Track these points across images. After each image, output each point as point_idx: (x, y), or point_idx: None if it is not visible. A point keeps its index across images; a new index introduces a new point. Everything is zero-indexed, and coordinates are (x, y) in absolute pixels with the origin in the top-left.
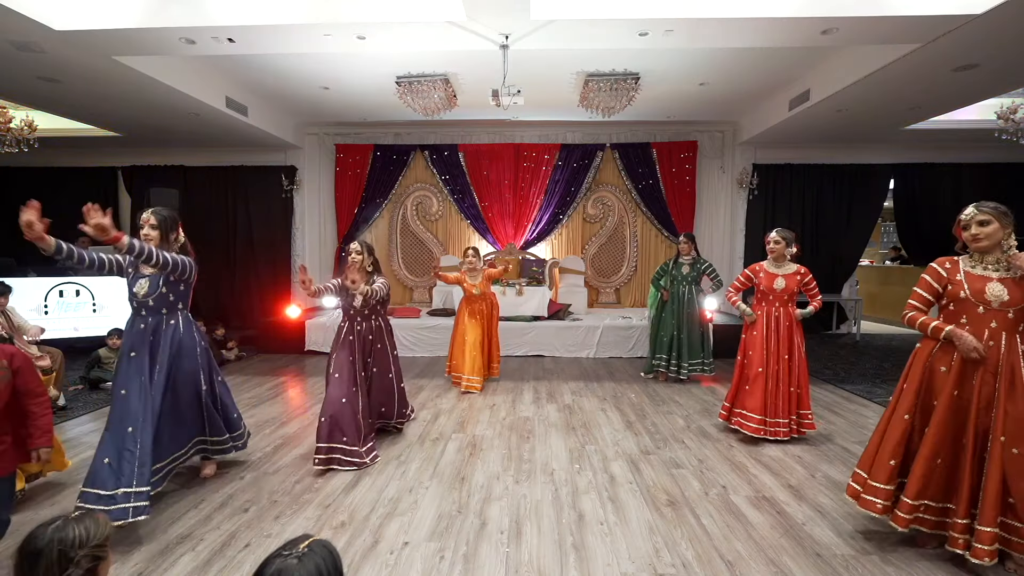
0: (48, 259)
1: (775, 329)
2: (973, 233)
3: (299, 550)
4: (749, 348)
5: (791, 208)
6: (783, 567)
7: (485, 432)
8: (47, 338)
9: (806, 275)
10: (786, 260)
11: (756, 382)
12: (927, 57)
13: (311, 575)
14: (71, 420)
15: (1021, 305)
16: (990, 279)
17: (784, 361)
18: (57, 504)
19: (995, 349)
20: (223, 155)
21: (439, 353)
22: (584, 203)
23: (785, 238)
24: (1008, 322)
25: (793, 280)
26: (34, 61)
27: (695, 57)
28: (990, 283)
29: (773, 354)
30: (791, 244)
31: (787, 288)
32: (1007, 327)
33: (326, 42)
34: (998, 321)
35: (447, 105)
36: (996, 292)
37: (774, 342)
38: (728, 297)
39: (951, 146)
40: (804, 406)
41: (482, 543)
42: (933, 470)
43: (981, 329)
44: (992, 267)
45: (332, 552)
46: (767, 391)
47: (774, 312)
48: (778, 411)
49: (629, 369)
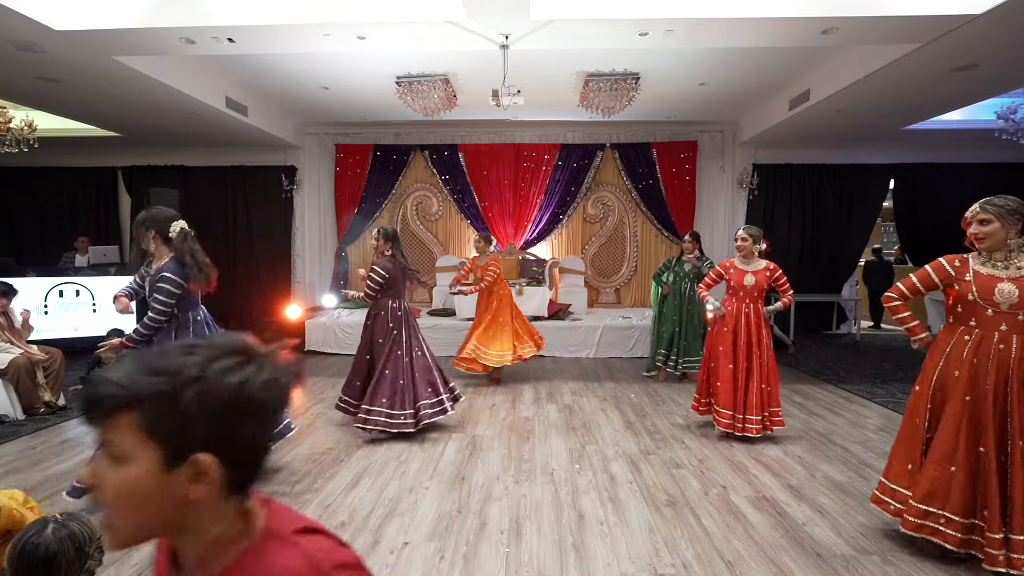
0: (47, 259)
1: (745, 325)
2: (974, 231)
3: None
4: (719, 344)
5: (791, 208)
6: (783, 567)
7: (485, 432)
8: (47, 338)
9: (775, 271)
10: (755, 257)
11: (726, 378)
12: (927, 57)
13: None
14: (71, 420)
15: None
16: (1000, 279)
17: (756, 357)
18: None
19: (1006, 352)
20: (223, 155)
21: (439, 353)
22: (584, 203)
23: (752, 235)
24: (1019, 324)
25: (763, 276)
26: (34, 61)
27: (695, 57)
28: (1000, 283)
29: (743, 350)
30: (759, 241)
31: (757, 284)
32: (1019, 330)
33: (326, 42)
34: (1008, 324)
35: (447, 105)
36: (1006, 293)
37: (744, 338)
38: (699, 292)
39: (951, 146)
40: (774, 403)
41: (482, 543)
42: (948, 478)
43: (991, 332)
44: (1001, 265)
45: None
46: (737, 387)
47: (744, 308)
48: (750, 407)
49: (629, 369)
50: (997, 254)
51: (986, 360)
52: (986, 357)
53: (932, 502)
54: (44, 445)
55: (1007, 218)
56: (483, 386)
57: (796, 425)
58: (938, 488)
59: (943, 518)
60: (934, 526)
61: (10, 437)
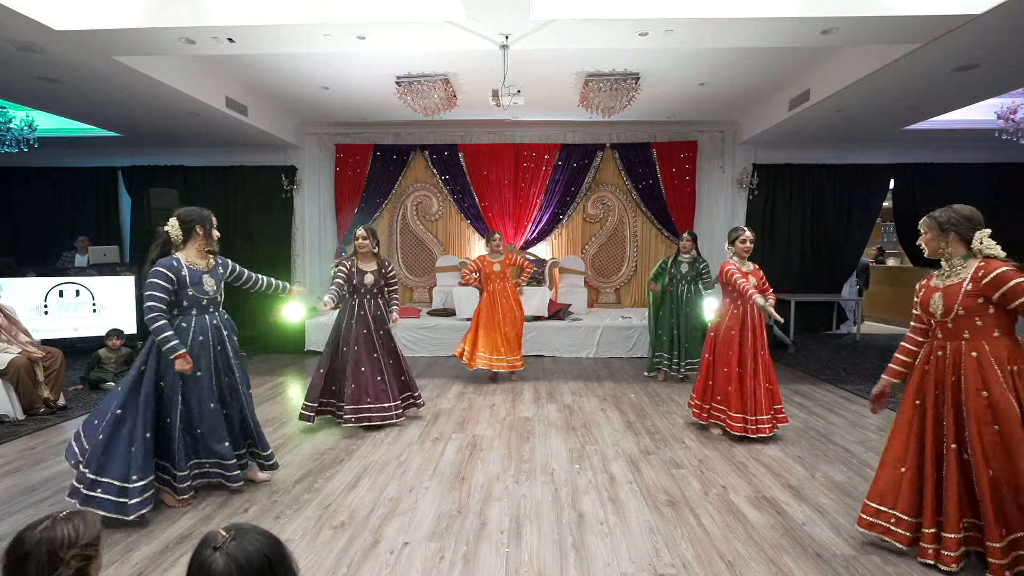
0: (47, 259)
1: (751, 327)
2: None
3: (220, 540)
4: (728, 348)
5: (791, 208)
6: (783, 567)
7: (485, 432)
8: (47, 338)
9: (759, 271)
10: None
11: (736, 382)
12: (927, 57)
13: (233, 568)
14: (71, 420)
15: (953, 314)
16: (938, 289)
17: (760, 358)
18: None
19: (943, 359)
20: (223, 155)
21: (439, 353)
22: (584, 203)
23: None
24: (950, 332)
25: (758, 276)
26: (34, 61)
27: (695, 57)
28: (935, 293)
29: (749, 350)
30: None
31: (756, 285)
32: (951, 337)
33: (326, 42)
34: (943, 332)
35: (447, 105)
36: (936, 303)
37: (750, 340)
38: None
39: (951, 146)
40: (777, 400)
41: (482, 543)
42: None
43: (933, 341)
44: (945, 276)
45: (264, 536)
46: (745, 390)
47: (748, 309)
48: (759, 408)
49: (629, 369)
50: (945, 265)
51: (926, 365)
52: (926, 363)
53: (884, 501)
54: (44, 445)
55: (934, 230)
56: (484, 386)
57: (796, 425)
58: (889, 488)
59: (893, 517)
60: (885, 525)
61: (10, 437)
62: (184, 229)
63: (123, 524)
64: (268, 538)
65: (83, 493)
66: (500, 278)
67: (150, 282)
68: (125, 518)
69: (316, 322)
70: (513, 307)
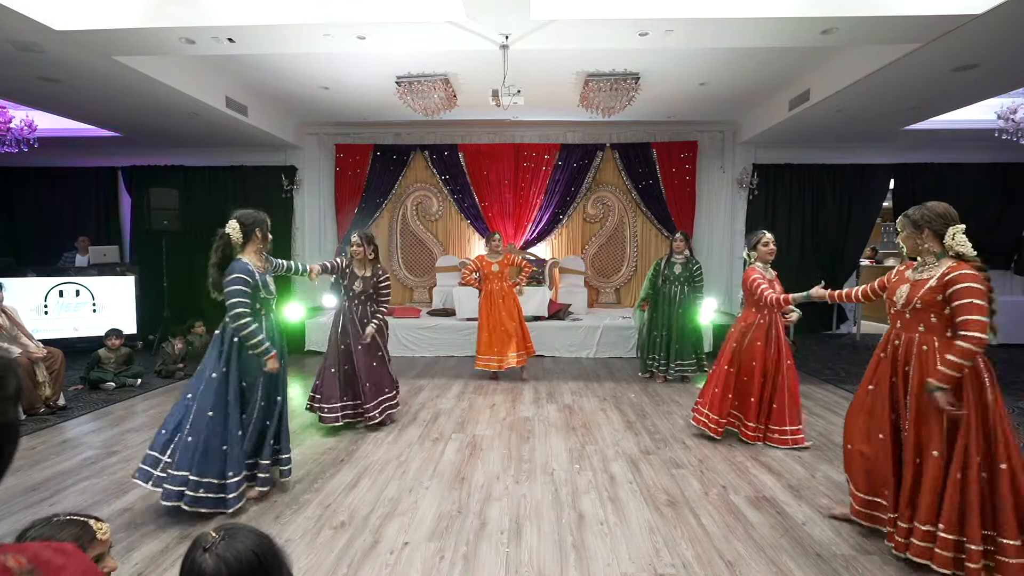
0: (48, 259)
1: (776, 337)
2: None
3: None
4: (752, 359)
5: (791, 208)
6: (783, 567)
7: (485, 432)
8: (47, 338)
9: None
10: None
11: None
12: (927, 57)
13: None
14: (71, 420)
15: (911, 306)
16: (907, 281)
17: (788, 368)
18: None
19: (898, 349)
20: (223, 155)
21: (439, 353)
22: (584, 203)
23: None
24: (907, 323)
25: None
26: (34, 61)
27: (695, 57)
28: (903, 285)
29: (773, 360)
30: None
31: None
32: (907, 327)
33: (326, 42)
34: (901, 321)
35: (447, 105)
36: (901, 293)
37: (774, 349)
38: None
39: (951, 146)
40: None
41: (482, 543)
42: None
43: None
44: (919, 270)
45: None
46: (763, 399)
47: (773, 318)
48: (785, 419)
49: (629, 369)
50: (919, 260)
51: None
52: (882, 350)
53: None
54: (44, 445)
55: (909, 227)
56: (484, 386)
57: None
58: (847, 465)
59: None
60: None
61: None
62: (244, 232)
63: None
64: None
65: (188, 495)
66: (498, 278)
67: (235, 288)
68: (226, 511)
69: (316, 322)
70: (510, 305)
